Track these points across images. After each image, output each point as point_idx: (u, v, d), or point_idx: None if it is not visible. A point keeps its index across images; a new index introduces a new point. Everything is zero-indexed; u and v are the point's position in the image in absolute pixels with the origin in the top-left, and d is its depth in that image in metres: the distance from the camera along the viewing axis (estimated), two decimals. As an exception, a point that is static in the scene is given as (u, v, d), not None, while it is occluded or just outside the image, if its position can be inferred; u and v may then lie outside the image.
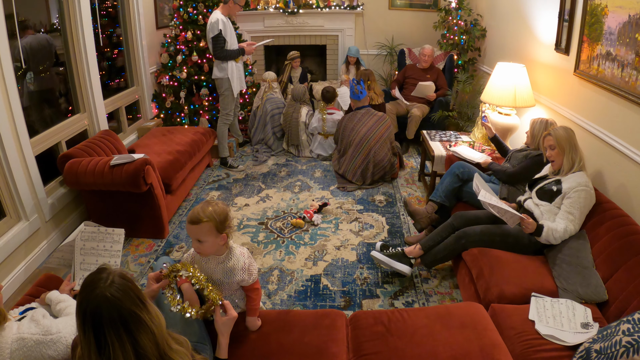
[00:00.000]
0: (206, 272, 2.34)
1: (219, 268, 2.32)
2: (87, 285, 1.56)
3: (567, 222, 2.94)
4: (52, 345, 1.94)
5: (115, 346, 1.50)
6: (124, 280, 1.57)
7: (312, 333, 2.35)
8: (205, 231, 2.19)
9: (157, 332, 1.58)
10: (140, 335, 1.53)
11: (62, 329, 2.00)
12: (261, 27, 7.65)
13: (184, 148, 5.01)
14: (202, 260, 2.34)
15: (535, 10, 4.47)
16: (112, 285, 1.53)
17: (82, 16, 4.69)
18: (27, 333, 1.93)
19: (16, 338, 1.90)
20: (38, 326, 1.98)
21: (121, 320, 1.51)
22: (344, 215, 4.59)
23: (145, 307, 1.58)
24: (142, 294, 1.60)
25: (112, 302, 1.50)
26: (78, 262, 2.76)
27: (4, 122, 3.60)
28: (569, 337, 2.33)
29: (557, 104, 4.00)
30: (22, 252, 3.83)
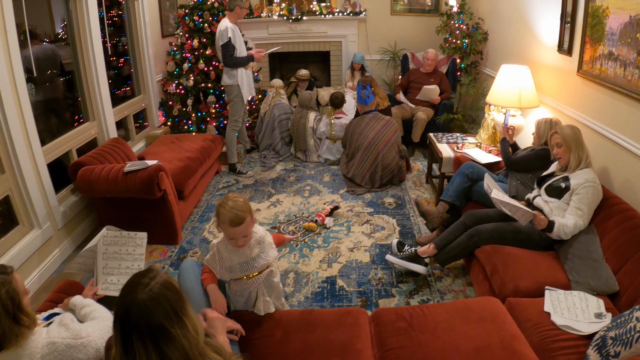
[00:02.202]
0: (245, 255, 2.43)
1: (253, 243, 2.44)
2: (127, 285, 1.56)
3: (577, 217, 3.01)
4: (82, 349, 1.95)
5: (140, 352, 1.48)
6: (164, 289, 1.54)
7: (336, 331, 2.42)
8: (248, 224, 2.30)
9: (187, 345, 1.53)
10: (167, 348, 1.50)
11: (92, 333, 2.02)
12: (265, 34, 7.73)
13: (194, 155, 5.07)
14: (234, 249, 2.43)
15: (537, 13, 4.54)
16: (148, 292, 1.51)
17: (91, 26, 4.78)
18: (58, 337, 1.94)
19: (46, 342, 1.91)
20: (68, 330, 1.99)
21: (148, 330, 1.48)
22: (355, 217, 4.67)
23: (180, 321, 1.54)
24: (182, 305, 1.56)
25: (143, 311, 1.48)
26: (101, 266, 2.77)
27: (17, 130, 3.66)
28: (584, 327, 2.40)
29: (561, 104, 4.07)
30: (36, 260, 3.88)
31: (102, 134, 5.10)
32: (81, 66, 4.83)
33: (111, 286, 2.69)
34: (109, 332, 2.04)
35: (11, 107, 3.59)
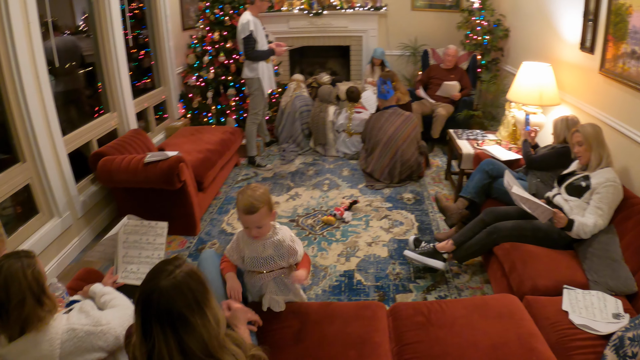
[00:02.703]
0: (256, 251, 2.46)
1: (269, 243, 2.45)
2: (152, 271, 1.58)
3: (597, 216, 2.99)
4: (102, 336, 1.98)
5: (159, 338, 1.49)
6: (188, 278, 1.55)
7: (354, 324, 2.44)
8: (263, 215, 2.32)
9: (207, 336, 1.54)
10: (186, 336, 1.51)
11: (111, 321, 2.05)
12: (286, 28, 7.75)
13: (214, 147, 5.12)
14: (250, 241, 2.46)
15: (560, 10, 4.50)
16: (171, 280, 1.52)
17: (113, 18, 4.83)
18: (78, 324, 1.97)
19: (67, 329, 1.95)
20: (88, 317, 2.02)
21: (168, 317, 1.49)
22: (374, 212, 4.68)
23: (201, 311, 1.54)
24: (205, 296, 1.57)
25: (164, 298, 1.49)
26: (121, 255, 2.81)
27: (38, 120, 3.73)
28: (601, 327, 2.40)
29: (583, 103, 4.03)
30: (55, 248, 3.95)
31: (122, 125, 5.17)
32: (102, 58, 4.90)
33: (131, 275, 2.73)
34: (128, 320, 2.09)
35: (33, 98, 3.66)
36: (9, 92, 3.52)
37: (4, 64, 3.46)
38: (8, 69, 3.49)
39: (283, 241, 2.47)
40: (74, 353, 1.92)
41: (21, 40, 3.52)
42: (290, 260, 2.53)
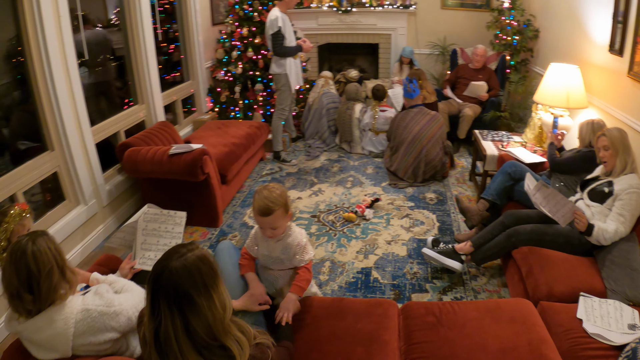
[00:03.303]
0: (268, 250, 2.51)
1: (279, 245, 2.49)
2: (167, 252, 1.65)
3: (618, 223, 2.94)
4: (114, 317, 2.06)
5: (165, 316, 1.55)
6: (198, 261, 1.61)
7: (364, 320, 2.46)
8: (278, 217, 2.35)
9: (212, 319, 1.60)
10: (191, 316, 1.57)
11: (124, 303, 2.13)
12: (315, 25, 7.79)
13: (239, 141, 5.18)
14: (263, 238, 2.51)
15: (589, 11, 4.43)
16: (182, 261, 1.58)
17: (142, 12, 4.93)
18: (92, 305, 2.05)
19: (81, 309, 2.02)
20: (102, 299, 2.10)
21: (175, 296, 1.55)
22: (395, 211, 4.68)
23: (207, 294, 1.60)
24: (213, 280, 1.63)
25: (173, 277, 1.56)
26: (139, 242, 2.89)
27: (67, 110, 3.85)
28: (616, 337, 2.36)
29: (610, 106, 3.96)
30: (80, 234, 4.07)
31: (150, 117, 5.28)
32: (132, 51, 5.00)
33: (148, 261, 2.81)
34: (140, 303, 2.15)
35: (62, 88, 3.77)
36: (39, 83, 3.64)
37: (35, 55, 3.58)
38: (39, 60, 3.61)
39: (291, 245, 2.51)
40: (87, 332, 2.00)
41: (52, 33, 3.63)
42: (292, 263, 2.56)
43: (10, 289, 1.94)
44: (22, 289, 1.92)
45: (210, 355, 1.62)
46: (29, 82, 3.66)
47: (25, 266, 1.90)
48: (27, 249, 1.92)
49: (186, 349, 1.58)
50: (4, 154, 3.68)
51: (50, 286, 1.94)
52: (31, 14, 3.50)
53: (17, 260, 1.91)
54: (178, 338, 1.57)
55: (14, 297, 1.94)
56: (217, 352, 1.63)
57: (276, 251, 2.51)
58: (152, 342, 1.61)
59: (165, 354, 1.60)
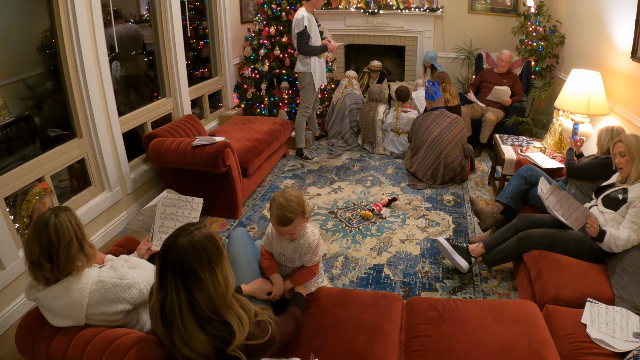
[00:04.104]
0: (280, 248, 2.60)
1: (291, 245, 2.57)
2: (176, 230, 1.79)
3: (631, 231, 2.92)
4: (126, 289, 2.17)
5: (171, 288, 1.69)
6: (204, 239, 1.74)
7: (368, 311, 2.52)
8: (296, 224, 2.43)
9: (214, 293, 1.72)
10: (194, 290, 1.70)
11: (136, 276, 2.24)
12: (342, 25, 7.86)
13: (263, 136, 5.27)
14: (277, 237, 2.60)
15: (613, 17, 4.41)
16: (188, 238, 1.72)
17: (172, 9, 5.06)
18: (107, 276, 2.17)
19: (96, 280, 2.14)
20: (116, 272, 2.21)
21: (181, 270, 1.69)
22: (412, 211, 4.73)
23: (211, 270, 1.72)
24: (217, 257, 1.75)
25: (179, 252, 1.69)
26: (157, 225, 3.00)
27: (96, 100, 4.00)
28: (619, 344, 2.36)
29: (631, 114, 3.94)
30: (103, 219, 4.22)
31: (176, 110, 5.42)
32: (161, 46, 5.14)
33: None
34: (151, 278, 2.24)
35: (93, 79, 3.93)
36: (71, 74, 3.81)
37: (67, 47, 3.74)
38: (71, 52, 3.77)
39: (303, 246, 2.58)
40: (101, 302, 2.11)
41: (84, 27, 3.78)
42: (301, 261, 2.64)
43: (31, 257, 2.06)
44: (43, 257, 2.04)
45: (211, 329, 1.73)
46: (60, 73, 3.81)
47: (46, 236, 2.02)
48: (50, 221, 2.04)
49: (188, 321, 1.70)
50: (35, 140, 3.86)
51: (68, 257, 2.06)
52: (65, 8, 3.66)
53: (39, 231, 2.04)
54: (182, 310, 1.69)
55: (35, 265, 2.06)
56: (218, 326, 1.74)
57: (288, 250, 2.60)
58: (158, 313, 1.75)
59: (169, 325, 1.72)
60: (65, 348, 2.04)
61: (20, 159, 3.57)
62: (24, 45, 3.71)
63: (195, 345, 1.71)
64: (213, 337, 1.74)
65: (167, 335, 1.76)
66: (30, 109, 3.83)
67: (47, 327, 2.13)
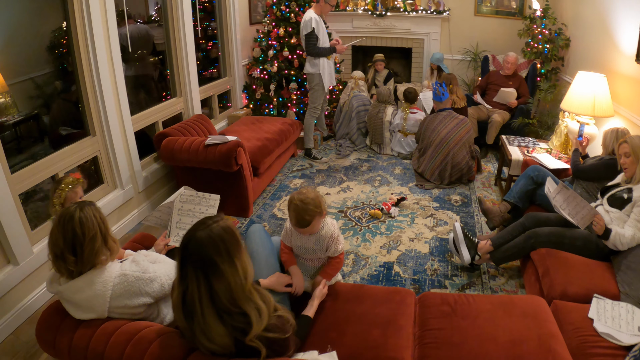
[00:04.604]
0: (302, 241, 2.68)
1: (312, 237, 2.64)
2: (195, 223, 1.85)
3: (636, 229, 3.00)
4: (149, 282, 2.22)
5: (192, 281, 1.75)
6: (222, 231, 1.79)
7: (382, 306, 2.59)
8: (314, 224, 2.51)
9: (234, 285, 1.78)
10: (214, 281, 1.75)
11: (158, 271, 2.29)
12: (350, 27, 7.95)
13: (272, 136, 5.35)
14: (297, 232, 2.66)
15: (618, 21, 4.48)
16: (207, 231, 1.77)
17: (184, 9, 5.14)
18: (129, 270, 2.22)
19: (119, 273, 2.18)
20: (138, 265, 2.26)
21: (201, 262, 1.74)
22: (420, 210, 4.80)
23: (230, 261, 1.77)
24: (236, 249, 1.80)
25: (199, 244, 1.75)
26: (175, 221, 3.06)
27: (110, 99, 4.09)
28: (625, 338, 2.42)
29: (636, 116, 4.01)
30: (115, 217, 4.30)
31: (187, 110, 5.51)
32: (172, 46, 5.23)
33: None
34: (172, 273, 2.32)
35: (106, 78, 4.02)
36: (85, 73, 3.90)
37: (82, 47, 3.83)
38: (85, 52, 3.86)
39: (324, 237, 2.66)
40: (123, 295, 2.16)
41: (98, 27, 3.87)
42: (327, 254, 2.72)
43: (55, 249, 2.10)
44: (67, 250, 2.08)
45: (230, 320, 1.79)
46: (74, 72, 3.89)
47: (71, 229, 2.07)
48: (75, 214, 2.09)
49: (208, 313, 1.77)
50: (47, 138, 3.95)
51: (92, 250, 2.11)
52: (79, 8, 3.74)
53: (64, 224, 2.08)
54: (202, 302, 1.76)
55: (58, 257, 2.10)
56: (237, 318, 1.80)
57: (310, 242, 2.67)
58: (179, 306, 1.82)
59: (190, 317, 1.79)
60: (88, 340, 2.08)
61: (33, 157, 3.63)
62: (34, 45, 3.77)
63: (214, 337, 1.78)
64: (232, 329, 1.80)
65: (188, 327, 1.82)
66: (40, 107, 3.90)
67: (68, 320, 2.18)
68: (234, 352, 1.83)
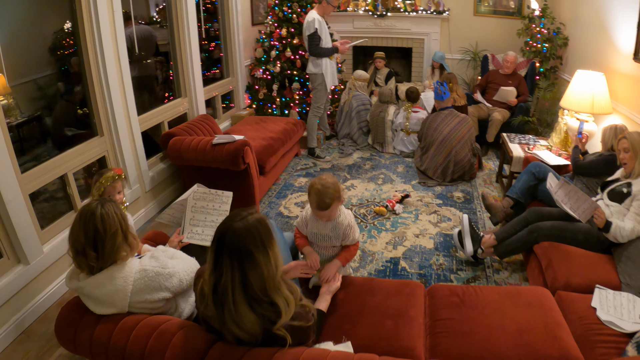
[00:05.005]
0: (318, 228, 2.77)
1: (329, 224, 2.74)
2: (229, 215, 1.93)
3: (635, 222, 3.09)
4: (168, 277, 2.27)
5: (226, 269, 1.82)
6: (257, 223, 1.88)
7: (393, 298, 2.67)
8: (334, 208, 2.61)
9: (267, 275, 1.86)
10: (249, 271, 1.83)
11: (176, 266, 2.35)
12: (351, 28, 8.04)
13: (277, 135, 5.43)
14: (314, 218, 2.77)
15: (616, 20, 4.57)
16: (244, 222, 1.85)
17: (188, 11, 5.22)
18: (149, 265, 2.28)
19: (139, 269, 2.25)
20: (157, 261, 2.33)
21: (237, 252, 1.82)
22: (424, 207, 4.89)
23: (264, 251, 1.86)
24: (269, 240, 1.89)
25: (236, 235, 1.82)
26: (188, 218, 3.12)
27: (117, 99, 4.15)
28: (627, 326, 2.51)
29: (634, 113, 4.10)
30: (122, 216, 4.37)
31: (192, 110, 5.60)
32: (177, 47, 5.31)
33: (195, 235, 3.06)
34: (189, 268, 2.41)
35: (114, 79, 4.09)
36: (93, 73, 3.95)
37: (90, 47, 3.89)
38: (93, 52, 3.92)
39: (341, 224, 2.76)
40: (144, 290, 2.23)
41: (106, 27, 3.93)
42: (342, 242, 2.82)
43: (76, 245, 2.16)
44: (88, 246, 2.14)
45: (260, 309, 1.88)
46: (82, 72, 3.95)
47: (93, 225, 2.13)
48: (97, 211, 2.15)
49: (239, 301, 1.85)
50: (52, 139, 3.99)
51: (113, 246, 2.17)
52: (87, 9, 3.80)
53: (86, 220, 2.14)
54: (234, 291, 1.84)
55: (79, 253, 2.16)
56: (266, 307, 1.89)
57: (326, 229, 2.76)
58: (210, 295, 1.89)
59: (221, 306, 1.87)
60: (109, 335, 2.12)
61: (39, 158, 3.67)
62: (37, 46, 3.80)
63: (245, 324, 1.86)
64: (262, 317, 1.88)
65: (218, 316, 1.90)
66: (43, 109, 3.93)
67: (88, 316, 2.22)
68: (260, 340, 1.91)
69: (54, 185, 3.81)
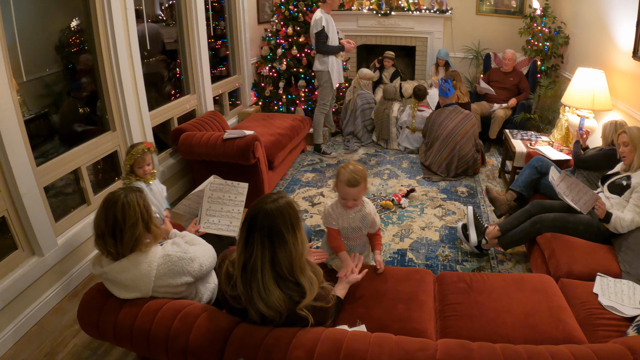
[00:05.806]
0: (348, 221, 2.88)
1: (358, 216, 2.87)
2: (260, 198, 2.04)
3: (635, 214, 3.20)
4: (190, 262, 2.38)
5: (257, 248, 1.95)
6: (287, 206, 2.00)
7: (404, 284, 2.79)
8: (361, 190, 2.73)
9: (294, 254, 1.98)
10: (278, 249, 1.95)
11: (196, 251, 2.46)
12: (355, 26, 8.16)
13: (284, 131, 5.54)
14: (344, 212, 2.88)
15: (616, 19, 4.66)
16: (275, 204, 1.98)
17: (197, 9, 5.33)
18: (172, 251, 2.38)
19: (162, 254, 2.35)
20: (179, 247, 2.44)
21: (269, 231, 1.93)
22: (429, 201, 5.01)
23: (293, 232, 1.99)
24: (298, 222, 2.01)
25: (269, 215, 1.94)
26: (205, 208, 3.21)
27: (130, 95, 4.24)
28: (628, 310, 2.62)
29: (633, 109, 4.20)
30: (132, 211, 4.44)
31: (200, 107, 5.71)
32: (186, 44, 5.42)
33: (212, 225, 3.16)
34: (208, 253, 2.53)
35: (127, 75, 4.17)
36: (106, 69, 4.04)
37: (103, 44, 3.97)
38: (106, 48, 4.01)
39: (368, 214, 2.90)
40: (167, 275, 2.33)
41: (119, 24, 4.02)
42: (370, 230, 2.97)
43: (98, 230, 2.27)
44: (107, 233, 2.24)
45: (286, 288, 2.00)
46: (95, 68, 4.03)
47: (113, 214, 2.23)
48: (119, 200, 2.24)
49: (267, 277, 1.97)
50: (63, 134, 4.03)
51: (132, 236, 2.26)
52: (101, 7, 3.89)
53: (108, 208, 2.24)
54: (264, 268, 1.96)
55: (100, 237, 2.27)
56: (292, 286, 2.02)
57: (356, 221, 2.89)
58: (239, 273, 2.01)
59: (249, 284, 1.99)
60: (134, 318, 2.20)
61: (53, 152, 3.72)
62: (46, 43, 3.79)
63: (272, 301, 1.97)
64: (287, 296, 1.99)
65: (245, 293, 2.01)
66: (50, 106, 3.92)
67: (111, 300, 2.30)
68: (284, 319, 2.02)
69: (63, 181, 3.86)
